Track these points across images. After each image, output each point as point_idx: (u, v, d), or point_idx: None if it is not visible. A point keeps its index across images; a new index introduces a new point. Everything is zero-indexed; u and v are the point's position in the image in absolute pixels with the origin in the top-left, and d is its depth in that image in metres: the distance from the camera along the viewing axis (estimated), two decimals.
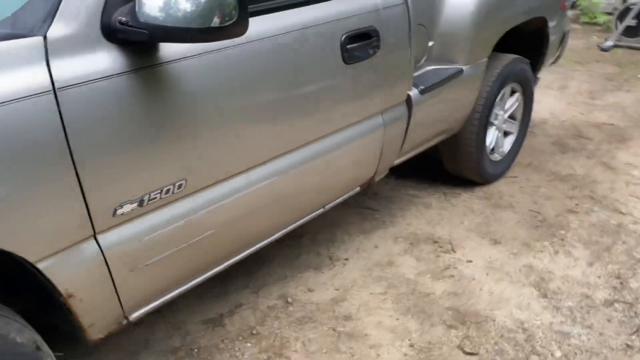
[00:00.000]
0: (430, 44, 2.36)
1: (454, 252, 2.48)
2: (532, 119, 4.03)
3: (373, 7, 1.83)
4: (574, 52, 6.04)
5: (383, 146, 2.08)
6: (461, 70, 2.42)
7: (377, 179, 2.25)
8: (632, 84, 4.92)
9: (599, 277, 2.29)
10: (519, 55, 2.93)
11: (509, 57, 2.82)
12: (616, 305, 2.12)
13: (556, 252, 2.45)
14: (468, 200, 2.91)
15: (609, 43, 6.20)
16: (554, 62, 3.68)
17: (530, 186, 3.05)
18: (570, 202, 2.88)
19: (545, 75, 5.22)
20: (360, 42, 1.78)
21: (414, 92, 2.19)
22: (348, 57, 1.75)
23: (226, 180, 1.52)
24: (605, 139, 3.67)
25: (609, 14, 7.06)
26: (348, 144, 1.91)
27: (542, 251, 2.46)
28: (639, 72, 5.29)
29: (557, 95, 4.64)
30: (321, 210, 2.01)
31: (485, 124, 2.78)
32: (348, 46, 1.74)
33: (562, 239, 2.55)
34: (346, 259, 2.42)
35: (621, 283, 2.25)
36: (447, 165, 2.97)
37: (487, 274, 2.32)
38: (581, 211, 2.78)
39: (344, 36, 1.72)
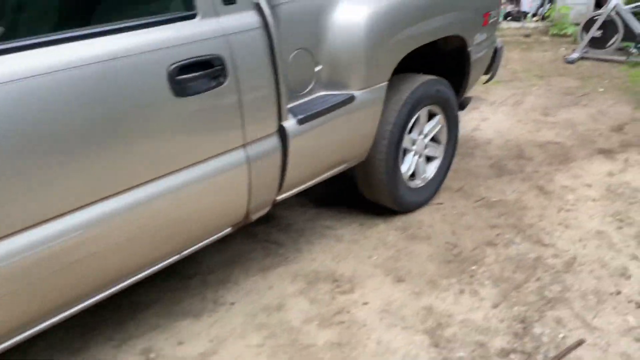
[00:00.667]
0: (318, 68, 2.18)
1: (353, 292, 2.27)
2: (476, 139, 3.86)
3: (215, 33, 1.65)
4: (538, 66, 5.88)
5: (251, 183, 1.90)
6: (352, 97, 2.24)
7: (254, 217, 2.06)
8: (591, 98, 4.73)
9: (502, 321, 2.08)
10: (435, 76, 2.75)
11: (420, 79, 2.64)
12: (512, 356, 1.91)
13: (461, 292, 2.25)
14: (384, 232, 2.71)
15: (575, 55, 6.02)
16: (487, 81, 3.51)
17: (454, 214, 2.85)
18: (492, 232, 2.67)
19: (503, 90, 5.06)
20: (197, 72, 1.60)
21: (290, 123, 2.00)
22: (180, 89, 1.57)
23: (33, 228, 1.35)
24: (546, 160, 3.47)
25: (579, 24, 6.90)
26: (199, 182, 1.73)
27: (447, 290, 2.26)
28: (601, 85, 5.11)
29: (509, 112, 4.46)
30: (177, 256, 1.82)
31: (397, 150, 2.60)
32: (178, 77, 1.56)
33: (472, 276, 2.34)
34: (232, 303, 2.22)
35: (524, 328, 2.04)
36: (364, 192, 2.78)
37: (381, 319, 2.11)
38: (500, 243, 2.58)
39: (172, 66, 1.54)
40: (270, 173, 1.98)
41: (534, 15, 7.93)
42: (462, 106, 3.39)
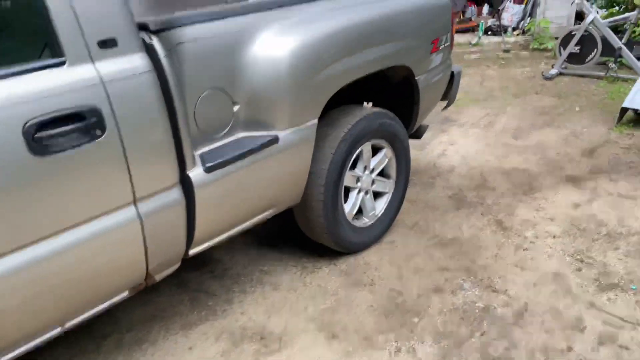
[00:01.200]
0: (236, 108, 1.99)
1: (280, 352, 2.07)
2: (440, 167, 3.68)
3: (88, 81, 1.46)
4: (515, 83, 5.72)
5: (147, 241, 1.70)
6: (275, 138, 2.05)
7: (159, 277, 1.86)
8: (566, 118, 4.55)
9: None
10: (377, 109, 2.57)
11: (361, 112, 2.46)
12: None
13: (398, 351, 2.04)
14: (326, 277, 2.51)
15: (553, 71, 5.86)
16: (445, 108, 3.33)
17: (405, 255, 2.65)
18: (441, 276, 2.47)
19: (477, 110, 4.89)
20: (64, 126, 1.42)
21: (196, 172, 1.81)
22: (41, 148, 1.38)
23: None
24: (510, 190, 3.28)
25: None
26: (81, 245, 1.53)
27: (382, 349, 2.05)
28: (579, 103, 4.93)
29: (479, 134, 4.28)
30: (59, 329, 1.62)
31: (336, 189, 2.40)
32: (38, 134, 1.37)
33: (412, 330, 2.13)
34: None
35: None
36: (305, 233, 2.58)
37: None
38: (448, 289, 2.37)
39: (28, 123, 1.35)
40: (172, 228, 1.79)
41: (515, 29, 7.79)
42: (418, 135, 3.21)
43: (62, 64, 1.43)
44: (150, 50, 1.65)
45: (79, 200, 1.50)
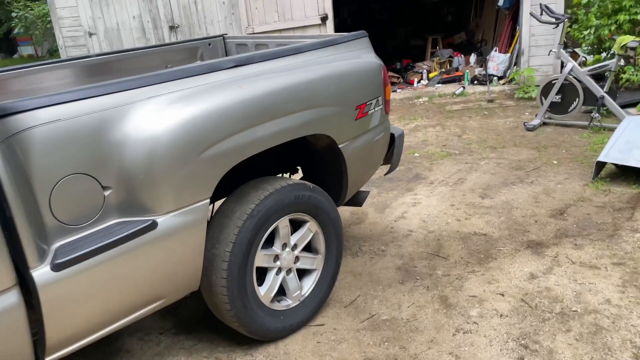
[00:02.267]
0: (108, 193, 1.81)
1: None
2: (396, 231, 3.43)
3: None
4: (496, 135, 5.50)
5: None
6: (153, 223, 1.85)
7: None
8: (541, 172, 4.29)
9: None
10: (293, 180, 2.37)
11: (271, 186, 2.26)
12: None
13: None
14: None
15: (535, 122, 5.64)
16: (388, 172, 3.12)
17: (331, 341, 2.38)
18: None
19: (450, 165, 4.67)
20: None
21: (40, 272, 1.61)
22: None
23: None
24: (464, 258, 3.00)
25: None
26: None
27: None
28: (558, 155, 4.68)
29: (446, 193, 4.03)
30: None
31: (244, 272, 2.18)
32: None
33: None
34: None
35: None
36: (219, 318, 2.34)
37: None
38: None
39: None
40: (10, 336, 1.57)
41: (501, 78, 7.65)
42: (358, 203, 2.99)
43: None
44: None
45: None
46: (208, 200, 2.00)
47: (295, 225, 2.44)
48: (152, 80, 1.92)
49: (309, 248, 2.53)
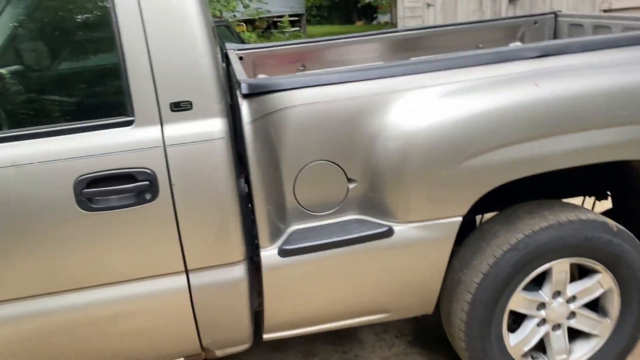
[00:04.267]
0: (352, 186, 1.66)
1: None
2: None
3: (147, 143, 1.43)
4: None
5: (197, 314, 1.59)
6: (389, 231, 1.62)
7: (220, 352, 1.71)
8: None
9: None
10: (591, 214, 1.77)
11: (554, 216, 1.73)
12: None
13: None
14: None
15: None
16: None
17: None
18: None
19: None
20: (112, 186, 1.42)
21: (268, 253, 1.59)
22: (87, 204, 1.42)
23: None
24: None
25: None
26: (122, 302, 1.54)
27: None
28: None
29: None
30: None
31: (491, 311, 1.77)
32: (85, 190, 1.41)
33: None
34: None
35: None
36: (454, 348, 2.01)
37: None
38: None
39: (77, 179, 1.41)
40: (231, 307, 1.62)
41: None
42: None
43: (130, 123, 1.44)
44: (238, 115, 1.52)
45: (123, 259, 1.49)
46: (460, 219, 1.65)
47: (580, 271, 1.85)
48: (426, 67, 1.64)
49: (593, 305, 1.90)
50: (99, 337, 1.57)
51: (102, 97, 1.54)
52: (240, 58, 2.66)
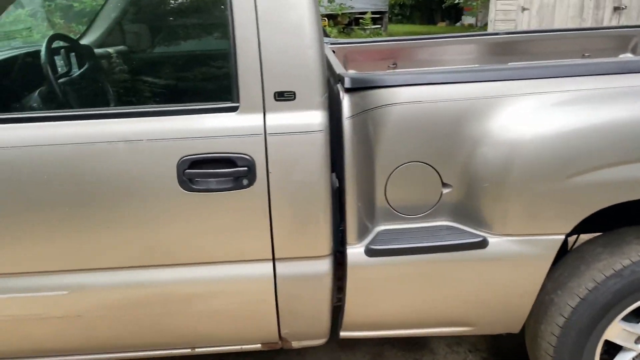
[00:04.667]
0: (447, 191, 1.60)
1: None
2: None
3: (249, 130, 1.44)
4: None
5: (279, 303, 1.59)
6: (483, 242, 1.55)
7: (296, 344, 1.70)
8: None
9: None
10: None
11: None
12: None
13: None
14: None
15: None
16: None
17: None
18: None
19: None
20: (210, 169, 1.45)
21: (355, 251, 1.56)
22: (188, 184, 1.45)
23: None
24: None
25: None
26: (210, 282, 1.57)
27: None
28: None
29: None
30: (189, 350, 1.70)
31: (583, 340, 1.66)
32: (187, 170, 1.45)
33: None
34: None
35: None
36: None
37: None
38: None
39: (181, 159, 1.44)
40: (312, 300, 1.60)
41: None
42: None
43: (234, 109, 1.46)
44: (337, 108, 1.50)
45: (215, 240, 1.52)
46: (562, 237, 1.55)
47: None
48: (538, 73, 1.55)
49: None
50: (184, 314, 1.61)
51: (211, 81, 1.57)
52: (332, 52, 2.65)
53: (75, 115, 1.48)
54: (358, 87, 1.51)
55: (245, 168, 1.45)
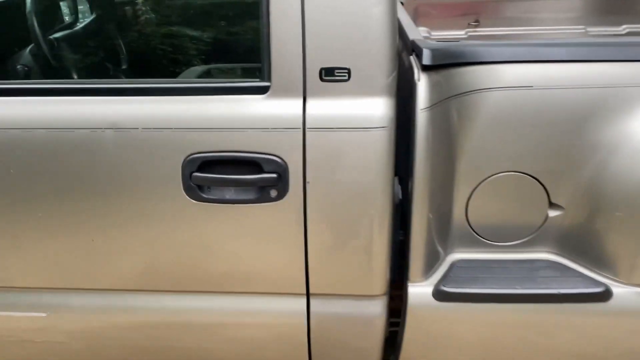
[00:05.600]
0: (555, 214, 1.14)
1: None
2: None
3: (278, 123, 1.02)
4: None
5: (313, 349, 1.20)
6: (606, 292, 1.09)
7: None
8: None
9: None
10: None
11: None
12: None
13: None
14: None
15: None
16: None
17: None
18: None
19: None
20: (226, 173, 1.04)
21: (419, 290, 1.14)
22: (196, 191, 1.06)
23: None
24: None
25: None
26: (229, 314, 1.20)
27: None
28: None
29: None
30: None
31: None
32: (196, 174, 1.05)
33: None
34: None
35: None
36: None
37: None
38: None
39: (188, 158, 1.04)
40: (357, 352, 1.21)
41: None
42: None
43: (263, 90, 1.03)
44: (408, 93, 1.05)
45: (228, 265, 1.13)
46: None
47: None
48: None
49: None
50: (185, 348, 1.26)
51: (231, 50, 1.14)
52: (401, 4, 2.14)
53: (42, 90, 1.10)
54: (442, 64, 1.04)
55: (274, 175, 1.03)
